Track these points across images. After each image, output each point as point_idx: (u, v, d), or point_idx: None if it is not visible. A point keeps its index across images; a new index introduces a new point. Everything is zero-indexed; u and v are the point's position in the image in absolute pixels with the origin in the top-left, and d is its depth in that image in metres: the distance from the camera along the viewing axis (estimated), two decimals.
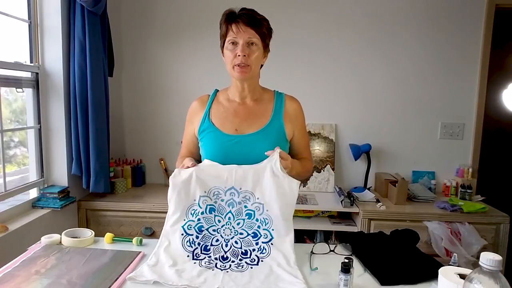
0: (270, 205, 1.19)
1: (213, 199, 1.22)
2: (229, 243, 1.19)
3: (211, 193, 1.22)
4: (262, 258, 1.15)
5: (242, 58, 1.25)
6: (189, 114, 1.43)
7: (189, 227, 1.20)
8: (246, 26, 1.25)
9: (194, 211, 1.22)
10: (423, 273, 1.10)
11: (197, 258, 1.15)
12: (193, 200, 1.22)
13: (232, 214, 1.21)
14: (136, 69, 2.77)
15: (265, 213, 1.20)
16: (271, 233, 1.19)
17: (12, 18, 2.00)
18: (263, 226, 1.20)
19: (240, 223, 1.21)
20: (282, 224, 1.19)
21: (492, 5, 2.57)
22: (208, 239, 1.19)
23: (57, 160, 2.22)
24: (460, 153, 2.72)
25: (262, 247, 1.17)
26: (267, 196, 1.20)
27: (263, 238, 1.18)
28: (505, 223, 2.23)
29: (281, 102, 1.38)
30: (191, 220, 1.21)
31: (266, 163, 1.22)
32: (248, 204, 1.21)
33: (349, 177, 2.77)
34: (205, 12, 2.65)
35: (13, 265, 1.11)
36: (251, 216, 1.21)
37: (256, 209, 1.21)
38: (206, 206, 1.21)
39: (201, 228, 1.20)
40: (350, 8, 2.65)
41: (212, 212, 1.22)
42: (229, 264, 1.13)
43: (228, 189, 1.22)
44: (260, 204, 1.21)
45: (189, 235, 1.19)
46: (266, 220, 1.20)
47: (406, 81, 2.69)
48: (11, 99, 2.14)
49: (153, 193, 2.52)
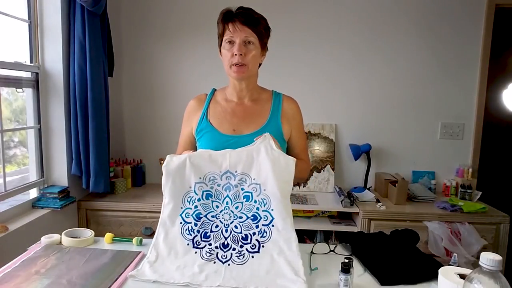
0: (267, 184, 1.17)
1: (209, 185, 1.20)
2: (229, 228, 1.17)
3: (206, 178, 1.20)
4: (262, 243, 1.14)
5: (239, 57, 1.24)
6: (186, 113, 1.42)
7: (186, 215, 1.19)
8: (243, 25, 1.24)
9: (191, 198, 1.20)
10: (423, 273, 1.10)
11: (198, 246, 1.15)
12: (189, 187, 1.20)
13: (230, 198, 1.19)
14: (136, 69, 2.77)
15: (263, 193, 1.18)
16: (271, 214, 1.17)
17: (12, 18, 2.00)
18: (262, 207, 1.18)
19: (238, 206, 1.19)
20: (282, 203, 1.16)
21: (492, 4, 2.57)
22: (208, 226, 1.18)
23: (57, 160, 2.22)
24: (460, 153, 2.72)
25: (262, 230, 1.16)
26: (263, 175, 1.17)
27: (263, 221, 1.17)
28: (505, 223, 2.23)
29: (279, 102, 1.38)
30: (188, 207, 1.20)
31: (259, 143, 1.20)
32: (245, 186, 1.19)
33: (349, 177, 2.77)
34: (205, 12, 2.65)
35: (13, 265, 1.11)
36: (249, 198, 1.19)
37: (253, 190, 1.19)
38: (203, 192, 1.19)
39: (199, 215, 1.18)
40: (350, 8, 2.65)
41: (209, 198, 1.19)
42: (230, 253, 1.13)
43: (223, 173, 1.19)
44: (256, 185, 1.18)
45: (187, 223, 1.18)
46: (264, 200, 1.18)
47: (406, 81, 2.69)
48: (11, 99, 2.14)
49: (153, 193, 2.52)
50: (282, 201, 1.16)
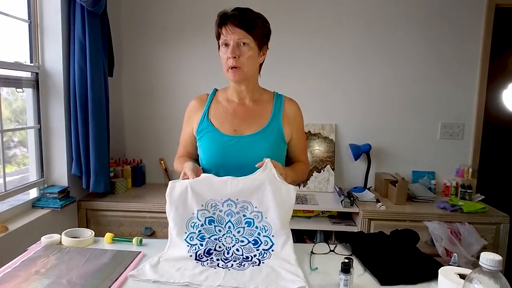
0: (268, 213, 1.19)
1: (211, 211, 1.21)
2: (230, 250, 1.20)
3: (208, 205, 1.21)
4: (263, 260, 1.16)
5: (232, 60, 1.24)
6: (187, 113, 1.42)
7: (191, 238, 1.22)
8: (235, 27, 1.23)
9: (194, 223, 1.22)
10: (423, 273, 1.10)
11: (200, 259, 1.17)
12: (192, 213, 1.22)
13: (232, 223, 1.21)
14: (136, 69, 2.77)
15: (264, 221, 1.20)
16: (271, 240, 1.19)
17: (12, 18, 2.00)
18: (263, 233, 1.20)
19: (240, 231, 1.21)
20: (282, 230, 1.19)
21: (492, 4, 2.57)
22: (212, 245, 1.20)
23: (57, 160, 2.22)
24: (460, 153, 2.72)
25: (263, 253, 1.18)
26: (265, 205, 1.19)
27: (263, 245, 1.19)
28: (505, 223, 2.23)
29: (280, 104, 1.37)
30: (192, 232, 1.22)
31: (260, 172, 1.20)
32: (247, 213, 1.21)
33: (349, 177, 2.77)
34: (205, 12, 2.65)
35: (13, 265, 1.11)
36: (250, 224, 1.21)
37: (255, 217, 1.21)
38: (205, 219, 1.21)
39: (203, 237, 1.21)
40: (350, 8, 2.65)
41: (211, 223, 1.22)
42: (231, 263, 1.15)
43: (224, 200, 1.21)
44: (258, 213, 1.20)
45: (193, 245, 1.21)
46: (265, 227, 1.20)
47: (406, 81, 2.69)
48: (11, 99, 2.14)
49: (153, 193, 2.52)
50: (282, 229, 1.19)
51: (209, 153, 1.32)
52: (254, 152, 1.27)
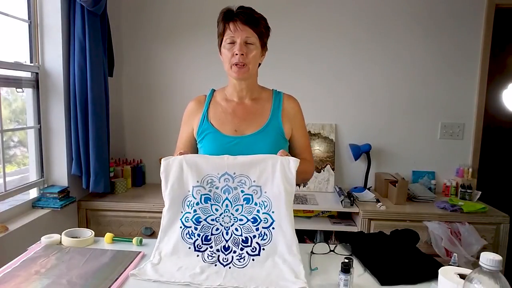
0: (267, 186, 1.16)
1: (207, 188, 1.18)
2: (229, 230, 1.17)
3: (204, 181, 1.18)
4: (263, 245, 1.14)
5: (239, 57, 1.24)
6: (185, 115, 1.41)
7: (186, 219, 1.18)
8: (244, 25, 1.24)
9: (190, 202, 1.19)
10: (423, 273, 1.10)
11: (199, 249, 1.15)
12: (187, 191, 1.19)
13: (229, 200, 1.18)
14: (136, 69, 2.77)
15: (264, 195, 1.17)
16: (271, 216, 1.16)
17: (12, 18, 1.99)
18: (263, 209, 1.16)
19: (238, 209, 1.18)
20: (283, 205, 1.14)
21: (492, 4, 2.57)
22: (208, 229, 1.17)
23: (57, 160, 2.22)
24: (460, 153, 2.72)
25: (262, 233, 1.15)
26: (264, 176, 1.16)
27: (263, 223, 1.16)
28: (505, 223, 2.23)
29: (279, 101, 1.37)
30: (187, 212, 1.19)
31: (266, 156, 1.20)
32: (245, 188, 1.17)
33: (349, 177, 2.77)
34: (205, 12, 2.65)
35: (13, 265, 1.11)
36: (249, 200, 1.17)
37: (253, 193, 1.17)
38: (201, 196, 1.18)
39: (199, 219, 1.18)
40: (350, 8, 2.65)
41: (207, 201, 1.18)
42: (231, 256, 1.13)
43: (221, 175, 1.18)
44: (257, 187, 1.17)
45: (187, 227, 1.18)
46: (265, 202, 1.16)
47: (406, 81, 2.69)
48: (11, 99, 2.14)
49: (153, 193, 2.51)
50: (283, 203, 1.15)
51: (210, 154, 1.31)
52: (255, 151, 1.26)
